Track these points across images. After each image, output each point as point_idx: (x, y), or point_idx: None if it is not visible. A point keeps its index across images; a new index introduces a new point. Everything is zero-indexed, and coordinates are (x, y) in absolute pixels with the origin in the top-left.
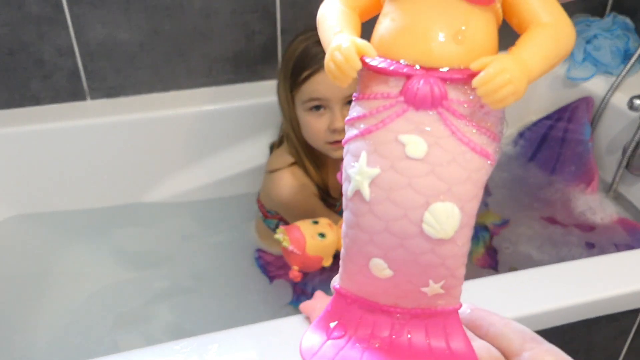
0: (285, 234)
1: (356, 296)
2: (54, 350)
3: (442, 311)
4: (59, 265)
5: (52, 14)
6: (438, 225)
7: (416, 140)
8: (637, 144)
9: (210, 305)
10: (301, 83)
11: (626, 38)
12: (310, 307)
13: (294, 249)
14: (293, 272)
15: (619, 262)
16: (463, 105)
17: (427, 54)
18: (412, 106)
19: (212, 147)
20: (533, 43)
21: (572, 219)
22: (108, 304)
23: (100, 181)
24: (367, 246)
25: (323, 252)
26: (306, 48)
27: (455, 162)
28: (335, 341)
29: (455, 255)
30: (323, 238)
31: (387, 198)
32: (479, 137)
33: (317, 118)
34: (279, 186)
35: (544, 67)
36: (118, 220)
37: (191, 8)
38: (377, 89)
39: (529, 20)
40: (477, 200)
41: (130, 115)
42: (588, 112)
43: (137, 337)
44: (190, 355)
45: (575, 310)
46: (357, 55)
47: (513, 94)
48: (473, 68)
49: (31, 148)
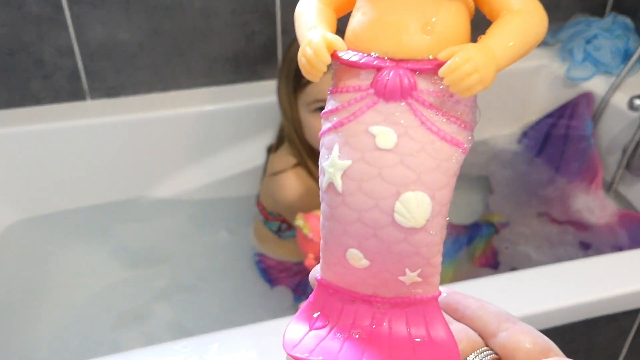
0: (305, 221)
1: (337, 287)
2: (55, 350)
3: (421, 299)
4: (59, 265)
5: (52, 14)
6: (409, 214)
7: (386, 131)
8: (637, 144)
9: (210, 305)
10: (305, 85)
11: (626, 38)
12: None
13: (314, 238)
14: (309, 259)
15: (619, 262)
16: (432, 95)
17: (397, 46)
18: (382, 98)
19: (212, 147)
20: (501, 31)
21: (567, 217)
22: (108, 304)
23: (100, 181)
24: (343, 237)
25: None
26: None
27: (424, 151)
28: (318, 332)
29: (429, 244)
30: None
31: (358, 189)
32: (448, 125)
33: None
34: (284, 188)
35: (513, 54)
36: (118, 220)
37: (191, 8)
38: (348, 82)
39: (499, 7)
40: (449, 189)
41: (130, 115)
42: (589, 108)
43: (137, 337)
44: (190, 355)
45: (575, 310)
46: (328, 49)
47: (479, 82)
48: (440, 58)
49: (31, 148)
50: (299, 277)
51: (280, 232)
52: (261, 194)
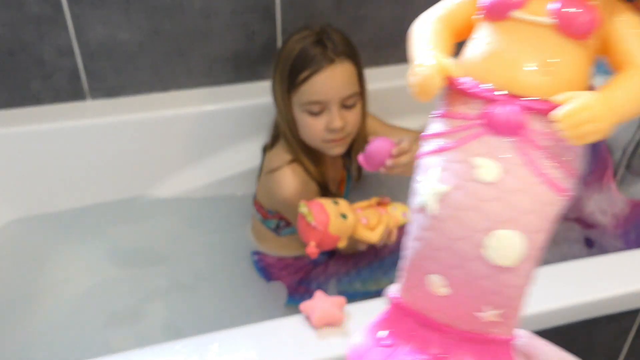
0: (309, 209)
1: (412, 310)
2: (52, 348)
3: (494, 339)
4: (56, 264)
5: (52, 14)
6: (500, 251)
7: (489, 164)
8: (637, 144)
9: (208, 304)
10: (299, 84)
11: None
12: (310, 307)
13: (317, 226)
14: (310, 247)
15: (619, 262)
16: (543, 137)
17: (512, 81)
18: (490, 130)
19: (212, 147)
20: (623, 85)
21: (577, 214)
22: (105, 303)
23: (99, 181)
24: (427, 261)
25: (343, 232)
26: (304, 49)
27: (525, 192)
28: (384, 349)
29: (515, 286)
30: (345, 219)
31: (453, 216)
32: (555, 170)
33: (315, 119)
34: (281, 184)
35: (631, 110)
36: (117, 220)
37: (191, 8)
38: (457, 108)
39: (625, 60)
40: (545, 234)
41: (130, 115)
42: None
43: (136, 336)
44: (190, 355)
45: (575, 310)
46: (442, 73)
47: (595, 133)
48: (557, 101)
49: (31, 148)
50: (300, 274)
51: (279, 230)
52: (258, 192)
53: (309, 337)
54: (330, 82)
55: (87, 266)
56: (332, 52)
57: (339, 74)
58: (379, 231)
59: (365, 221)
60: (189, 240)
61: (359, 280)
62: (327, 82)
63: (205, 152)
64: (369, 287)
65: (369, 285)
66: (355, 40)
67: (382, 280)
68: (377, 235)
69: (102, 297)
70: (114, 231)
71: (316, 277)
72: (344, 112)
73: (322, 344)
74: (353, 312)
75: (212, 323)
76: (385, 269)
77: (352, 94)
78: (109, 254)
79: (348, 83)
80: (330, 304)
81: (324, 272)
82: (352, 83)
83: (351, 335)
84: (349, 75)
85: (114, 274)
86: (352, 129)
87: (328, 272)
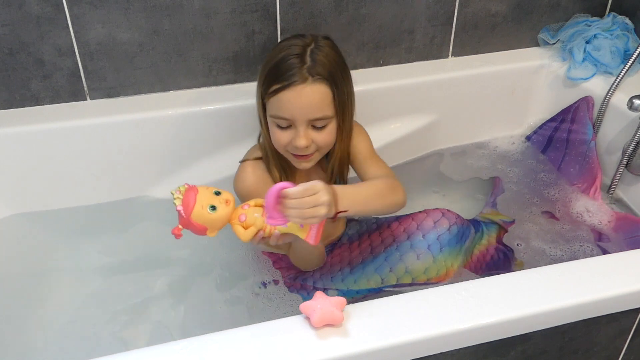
0: (181, 193)
1: None
2: (51, 348)
3: None
4: (57, 263)
5: (52, 14)
6: None
7: None
8: (637, 144)
9: (206, 304)
10: (270, 95)
11: (626, 38)
12: (310, 307)
13: (182, 211)
14: (176, 228)
15: (619, 262)
16: None
17: None
18: None
19: (212, 147)
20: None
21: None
22: (102, 302)
23: (99, 181)
24: None
25: (208, 223)
26: (284, 58)
27: None
28: None
29: None
30: (213, 211)
31: None
32: None
33: (282, 132)
34: (237, 177)
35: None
36: (117, 219)
37: (191, 8)
38: None
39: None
40: None
41: (129, 115)
42: (589, 111)
43: (133, 336)
44: (190, 355)
45: (575, 310)
46: None
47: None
48: None
49: (31, 148)
50: (295, 269)
51: None
52: None
53: (309, 337)
54: (297, 101)
55: (85, 265)
56: (307, 71)
57: (307, 95)
58: (250, 232)
59: (243, 218)
60: (188, 240)
61: (351, 278)
62: (293, 101)
63: (205, 152)
64: (361, 285)
65: (361, 283)
66: (355, 40)
67: (372, 278)
68: (247, 235)
69: (101, 297)
70: (113, 230)
71: (312, 274)
72: (312, 132)
73: (322, 344)
74: (353, 312)
75: (212, 323)
76: (376, 266)
77: (321, 117)
78: (108, 254)
79: (317, 105)
80: (330, 304)
81: (320, 269)
82: (324, 106)
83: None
84: (320, 98)
85: (113, 273)
86: (321, 146)
87: (323, 270)
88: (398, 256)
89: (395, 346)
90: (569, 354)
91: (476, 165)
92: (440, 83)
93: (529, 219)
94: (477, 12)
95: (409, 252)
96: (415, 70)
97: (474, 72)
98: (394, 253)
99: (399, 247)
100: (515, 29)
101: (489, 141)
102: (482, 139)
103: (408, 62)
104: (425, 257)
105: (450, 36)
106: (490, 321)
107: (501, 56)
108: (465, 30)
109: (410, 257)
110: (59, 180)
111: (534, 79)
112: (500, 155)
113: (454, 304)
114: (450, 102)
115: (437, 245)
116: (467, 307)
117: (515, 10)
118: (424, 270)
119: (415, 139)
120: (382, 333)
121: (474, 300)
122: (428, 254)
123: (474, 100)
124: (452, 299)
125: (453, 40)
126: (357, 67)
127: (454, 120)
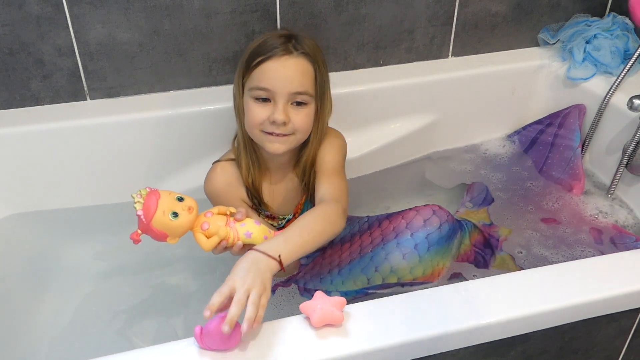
0: (142, 197)
1: None
2: (51, 348)
3: None
4: (57, 262)
5: (52, 14)
6: None
7: None
8: (637, 144)
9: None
10: (252, 69)
11: (626, 38)
12: (310, 308)
13: (142, 216)
14: (135, 233)
15: (619, 262)
16: None
17: None
18: None
19: (212, 147)
20: None
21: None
22: (102, 302)
23: (99, 181)
24: None
25: (169, 230)
26: (268, 39)
27: None
28: None
29: None
30: (175, 218)
31: None
32: None
33: (260, 106)
34: (207, 178)
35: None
36: (116, 219)
37: (191, 8)
38: None
39: None
40: None
41: (129, 115)
42: (579, 118)
43: (132, 336)
44: (190, 355)
45: (575, 310)
46: None
47: None
48: None
49: (31, 148)
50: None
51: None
52: None
53: (309, 337)
54: (281, 71)
55: (86, 265)
56: (293, 46)
57: (292, 66)
58: (212, 241)
59: (206, 226)
60: (188, 240)
61: (339, 279)
62: (277, 71)
63: (205, 152)
64: (348, 286)
65: (348, 284)
66: (355, 40)
67: (358, 279)
68: (210, 244)
69: (102, 297)
70: (113, 230)
71: (303, 275)
72: (291, 109)
73: (322, 343)
74: (353, 312)
75: None
76: (362, 267)
77: (302, 91)
78: (109, 253)
79: (300, 79)
80: (330, 304)
81: (310, 271)
82: (306, 81)
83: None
84: (302, 72)
85: (114, 273)
86: (298, 129)
87: (313, 271)
88: (384, 255)
89: (395, 346)
90: (569, 354)
91: (476, 165)
92: (440, 83)
93: (527, 225)
94: (477, 12)
95: (394, 252)
96: (415, 71)
97: (474, 72)
98: (380, 253)
99: (385, 246)
100: (515, 29)
101: (489, 141)
102: (482, 139)
103: (408, 62)
104: (411, 256)
105: (450, 36)
106: (490, 321)
107: (501, 56)
108: (465, 30)
109: (395, 257)
110: (58, 180)
111: (534, 79)
112: (492, 159)
113: (454, 304)
114: (451, 102)
115: (425, 245)
116: (467, 307)
117: (515, 10)
118: (409, 270)
119: (415, 139)
120: (382, 333)
121: (474, 300)
122: (414, 253)
123: (474, 100)
124: (452, 299)
125: (453, 41)
126: (357, 67)
127: (454, 120)
